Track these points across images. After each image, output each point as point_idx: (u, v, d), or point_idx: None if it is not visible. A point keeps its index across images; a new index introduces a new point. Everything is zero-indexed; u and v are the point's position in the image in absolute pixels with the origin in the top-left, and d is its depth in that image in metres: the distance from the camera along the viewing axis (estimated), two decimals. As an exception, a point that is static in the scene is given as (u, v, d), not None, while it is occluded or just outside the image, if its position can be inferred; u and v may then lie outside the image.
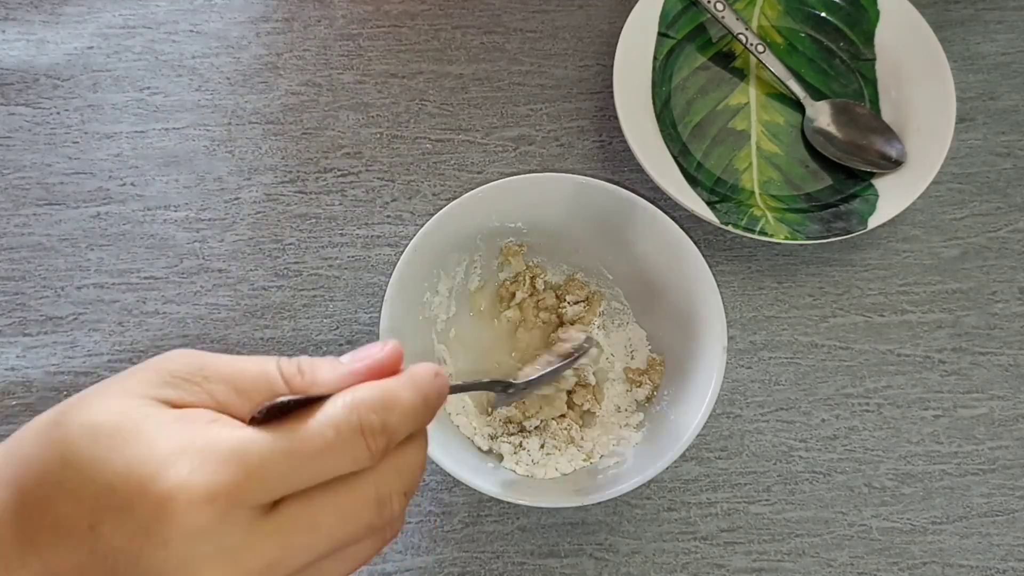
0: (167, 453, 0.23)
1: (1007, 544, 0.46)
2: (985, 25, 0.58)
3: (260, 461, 0.23)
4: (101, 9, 0.56)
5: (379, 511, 0.25)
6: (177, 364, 0.25)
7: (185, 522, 0.22)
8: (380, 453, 0.25)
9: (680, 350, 0.44)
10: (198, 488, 0.22)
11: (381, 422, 0.25)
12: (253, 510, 0.23)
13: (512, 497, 0.40)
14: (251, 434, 0.24)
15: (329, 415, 0.24)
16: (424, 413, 0.26)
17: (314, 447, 0.24)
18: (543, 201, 0.45)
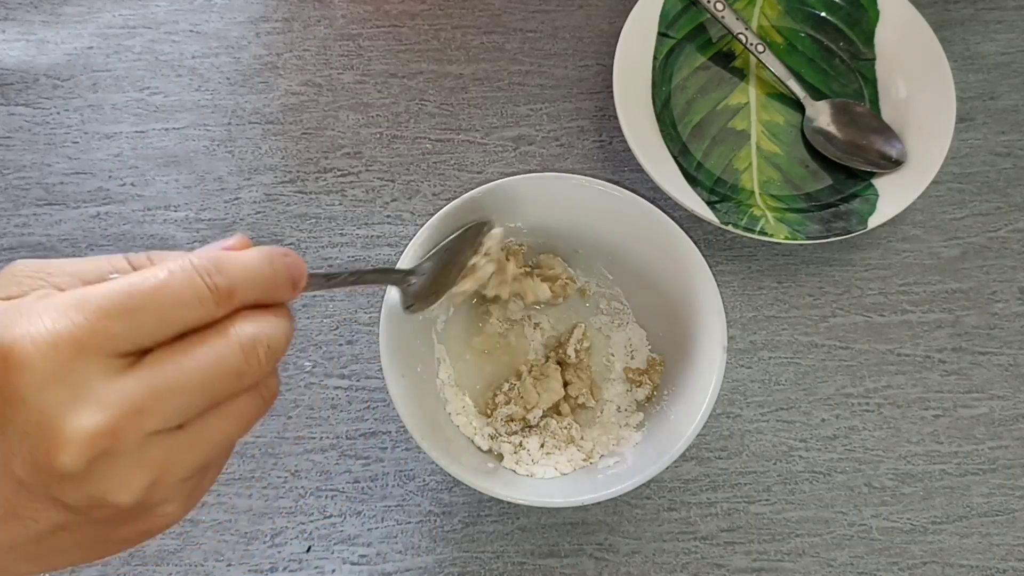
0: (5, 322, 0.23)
1: (1007, 544, 0.46)
2: (985, 25, 0.58)
3: (98, 305, 0.23)
4: (101, 9, 0.56)
5: (243, 355, 0.25)
6: (20, 267, 0.25)
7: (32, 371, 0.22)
8: (223, 296, 0.25)
9: (680, 350, 0.44)
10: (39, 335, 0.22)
11: (215, 266, 0.25)
12: (109, 359, 0.23)
13: (512, 497, 0.40)
14: (86, 289, 0.23)
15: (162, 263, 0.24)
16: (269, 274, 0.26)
17: (149, 285, 0.23)
18: (543, 201, 0.45)
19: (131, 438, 0.23)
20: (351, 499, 0.46)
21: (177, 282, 0.24)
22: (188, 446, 0.25)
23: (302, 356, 0.49)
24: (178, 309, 0.24)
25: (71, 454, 0.22)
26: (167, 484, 0.24)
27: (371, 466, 0.47)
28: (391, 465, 0.47)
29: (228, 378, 0.25)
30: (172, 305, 0.24)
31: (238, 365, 0.25)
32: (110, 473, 0.23)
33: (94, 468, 0.23)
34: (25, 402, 0.22)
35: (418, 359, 0.44)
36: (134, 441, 0.23)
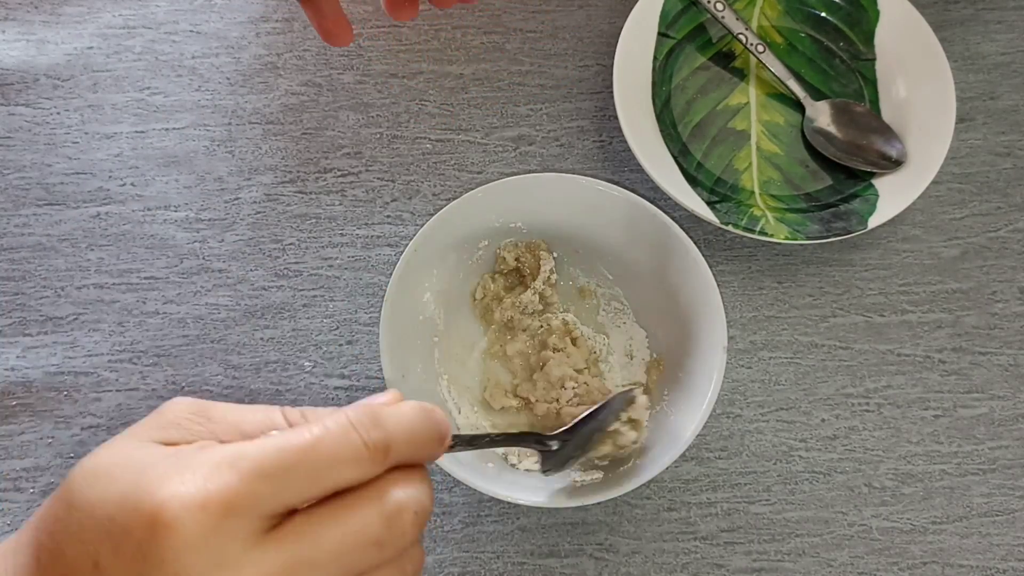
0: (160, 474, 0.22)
1: (1007, 544, 0.46)
2: (985, 25, 0.58)
3: (252, 464, 0.22)
4: (101, 9, 0.56)
5: (387, 525, 0.24)
6: (179, 409, 0.25)
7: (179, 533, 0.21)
8: (379, 453, 0.24)
9: (680, 350, 0.44)
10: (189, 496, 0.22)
11: (373, 421, 0.24)
12: (253, 522, 0.22)
13: (512, 497, 0.40)
14: (242, 445, 0.23)
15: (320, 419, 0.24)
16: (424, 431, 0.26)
17: (305, 442, 0.23)
18: (543, 201, 0.45)
19: None
20: (351, 499, 0.46)
21: (333, 440, 0.23)
22: None
23: (302, 356, 0.49)
24: (333, 468, 0.23)
25: None
26: None
27: (371, 466, 0.47)
28: (391, 465, 0.47)
29: (369, 550, 0.24)
30: (327, 464, 0.23)
31: (379, 534, 0.24)
32: None
33: None
34: (164, 565, 0.21)
35: (418, 359, 0.44)
36: None
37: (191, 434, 0.24)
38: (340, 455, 0.23)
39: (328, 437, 0.23)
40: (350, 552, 0.23)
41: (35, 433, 0.47)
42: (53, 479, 0.46)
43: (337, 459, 0.23)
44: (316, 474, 0.23)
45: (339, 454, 0.23)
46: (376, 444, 0.24)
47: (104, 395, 0.48)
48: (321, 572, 0.23)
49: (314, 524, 0.23)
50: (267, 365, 0.49)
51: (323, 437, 0.23)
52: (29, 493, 0.46)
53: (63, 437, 0.47)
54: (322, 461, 0.23)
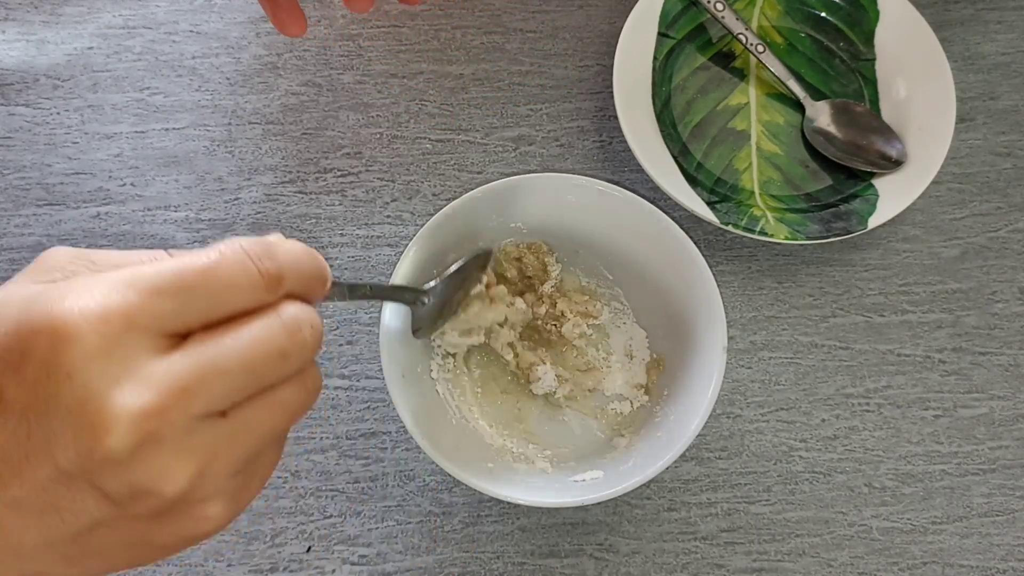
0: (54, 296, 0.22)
1: (1007, 544, 0.46)
2: (985, 25, 0.58)
3: (150, 282, 0.22)
4: (101, 9, 0.56)
5: (288, 334, 0.24)
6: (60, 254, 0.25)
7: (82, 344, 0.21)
8: (272, 281, 0.24)
9: (680, 350, 0.44)
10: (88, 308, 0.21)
11: (266, 251, 0.25)
12: (155, 338, 0.22)
13: (512, 497, 0.40)
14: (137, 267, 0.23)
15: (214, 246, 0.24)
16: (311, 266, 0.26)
17: (201, 265, 0.23)
18: (543, 201, 0.45)
19: (178, 421, 0.22)
20: (351, 499, 0.46)
21: (229, 264, 0.24)
22: (234, 434, 0.24)
23: (302, 356, 0.49)
24: (229, 291, 0.24)
25: (118, 435, 0.21)
26: (213, 476, 0.23)
27: (371, 466, 0.47)
28: (391, 465, 0.47)
29: (273, 359, 0.24)
30: (224, 287, 0.23)
31: (283, 345, 0.24)
32: (156, 458, 0.22)
33: (140, 452, 0.22)
34: (71, 377, 0.21)
35: (418, 359, 0.44)
36: (181, 425, 0.22)
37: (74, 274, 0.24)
38: (236, 279, 0.24)
39: (224, 262, 0.24)
40: (256, 360, 0.24)
41: (35, 433, 0.47)
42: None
43: (234, 283, 0.24)
44: (214, 295, 0.23)
45: (235, 278, 0.24)
46: (270, 272, 0.24)
47: (104, 395, 0.48)
48: (230, 379, 0.23)
49: (217, 336, 0.23)
50: (267, 365, 0.49)
51: (220, 261, 0.23)
52: (29, 493, 0.46)
53: (63, 437, 0.47)
54: (220, 283, 0.23)
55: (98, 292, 0.22)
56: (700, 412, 0.41)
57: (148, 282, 0.22)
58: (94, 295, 0.22)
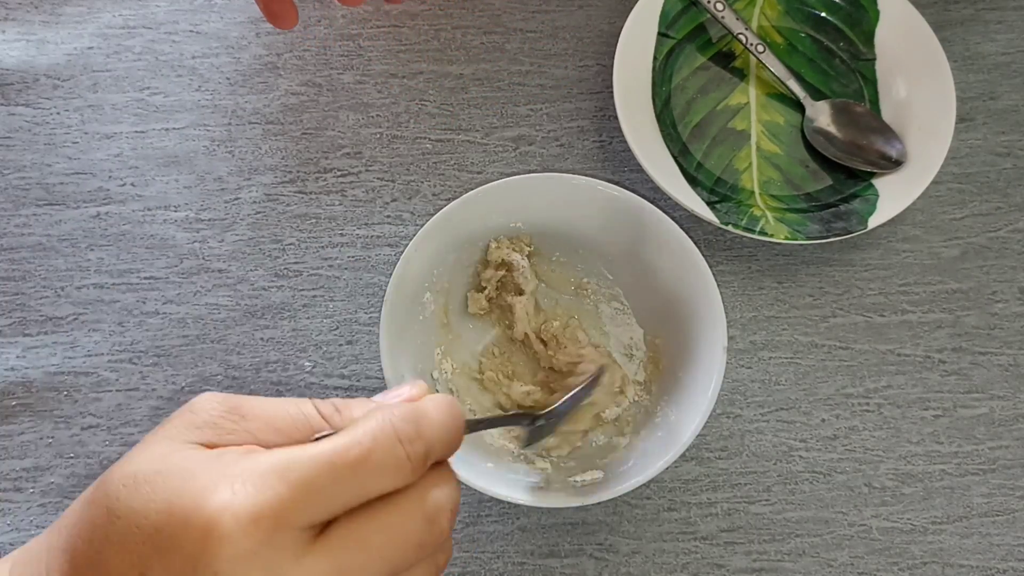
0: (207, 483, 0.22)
1: (1007, 544, 0.46)
2: (985, 25, 0.58)
3: (302, 476, 0.22)
4: (101, 9, 0.56)
5: (428, 527, 0.24)
6: (211, 406, 0.25)
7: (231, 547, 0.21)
8: (419, 463, 0.24)
9: (680, 350, 0.44)
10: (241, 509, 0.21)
11: (416, 430, 0.24)
12: (301, 532, 0.22)
13: (512, 497, 0.40)
14: (290, 453, 0.23)
15: (365, 425, 0.24)
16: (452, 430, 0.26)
17: (353, 456, 0.23)
18: (543, 201, 0.45)
19: None
20: (351, 499, 0.46)
21: (381, 452, 0.24)
22: None
23: (302, 356, 0.49)
24: (378, 480, 0.24)
25: None
26: None
27: (371, 466, 0.47)
28: (391, 465, 0.47)
29: (410, 551, 0.24)
30: (373, 479, 0.23)
31: (421, 537, 0.24)
32: None
33: None
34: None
35: (419, 359, 0.44)
36: None
37: (227, 433, 0.24)
38: (386, 467, 0.24)
39: (376, 449, 0.24)
40: (394, 554, 0.24)
41: (35, 433, 0.47)
42: (53, 479, 0.46)
43: (383, 471, 0.24)
44: (363, 484, 0.23)
45: (386, 466, 0.24)
46: (419, 456, 0.24)
47: (104, 395, 0.48)
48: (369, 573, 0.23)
49: (360, 530, 0.23)
50: (267, 365, 0.49)
51: (372, 449, 0.23)
52: (29, 493, 0.46)
53: (63, 437, 0.47)
54: (370, 472, 0.23)
55: (251, 486, 0.22)
56: (700, 411, 0.41)
57: (299, 476, 0.22)
58: (247, 491, 0.22)
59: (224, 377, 0.48)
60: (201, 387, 0.48)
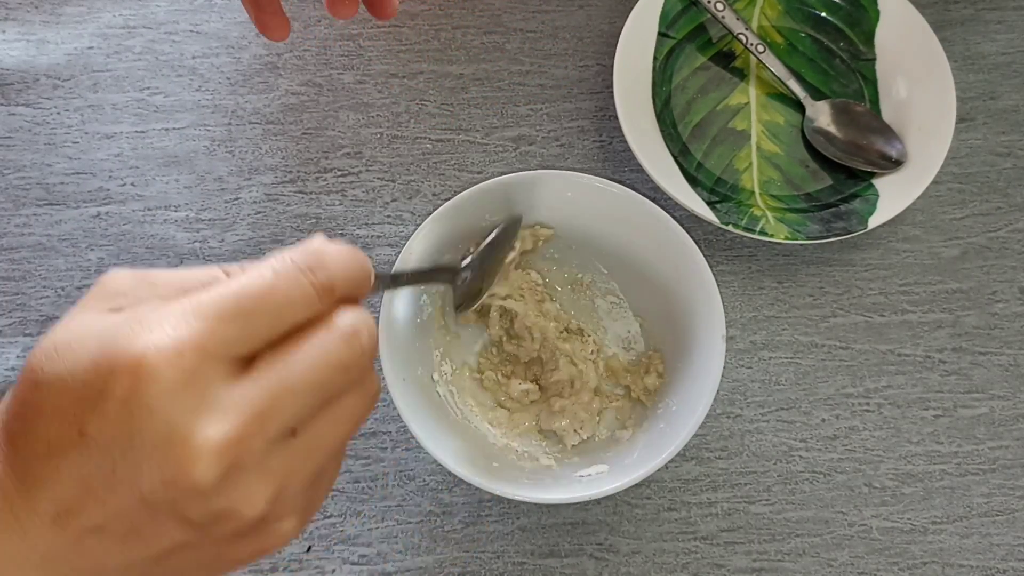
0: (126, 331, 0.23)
1: (1007, 544, 0.46)
2: (985, 25, 0.58)
3: (215, 310, 0.23)
4: (101, 9, 0.56)
5: (347, 346, 0.25)
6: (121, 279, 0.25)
7: (160, 380, 0.22)
8: (324, 292, 0.25)
9: (679, 343, 0.44)
10: (163, 344, 0.22)
11: (316, 261, 0.25)
12: (227, 364, 0.23)
13: (513, 494, 0.39)
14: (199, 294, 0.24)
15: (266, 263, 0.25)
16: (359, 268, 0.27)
17: (258, 287, 0.24)
18: (540, 198, 0.45)
19: (257, 446, 0.23)
20: (351, 499, 0.46)
21: (284, 282, 0.24)
22: (305, 452, 0.25)
23: (302, 356, 0.49)
24: (287, 308, 0.24)
25: (203, 466, 0.22)
26: (288, 495, 0.24)
27: (371, 466, 0.47)
28: (391, 465, 0.47)
29: (337, 372, 0.25)
30: (282, 305, 0.24)
31: (343, 356, 0.25)
32: (238, 485, 0.23)
33: (223, 481, 0.22)
34: (153, 413, 0.22)
35: (418, 360, 0.44)
36: (259, 449, 0.23)
37: (139, 300, 0.25)
38: (292, 296, 0.24)
39: (279, 280, 0.24)
40: (321, 376, 0.24)
41: (35, 433, 0.47)
42: (53, 479, 0.46)
43: (290, 300, 0.24)
44: (274, 315, 0.24)
45: (292, 296, 0.24)
46: (322, 284, 0.25)
47: (104, 395, 0.48)
48: (300, 399, 0.24)
49: (282, 356, 0.24)
50: (267, 365, 0.49)
51: (275, 282, 0.24)
52: (29, 493, 0.46)
53: (63, 437, 0.47)
54: (277, 302, 0.24)
55: (168, 326, 0.23)
56: (703, 400, 0.40)
57: (212, 310, 0.23)
58: (165, 329, 0.22)
59: (224, 377, 0.48)
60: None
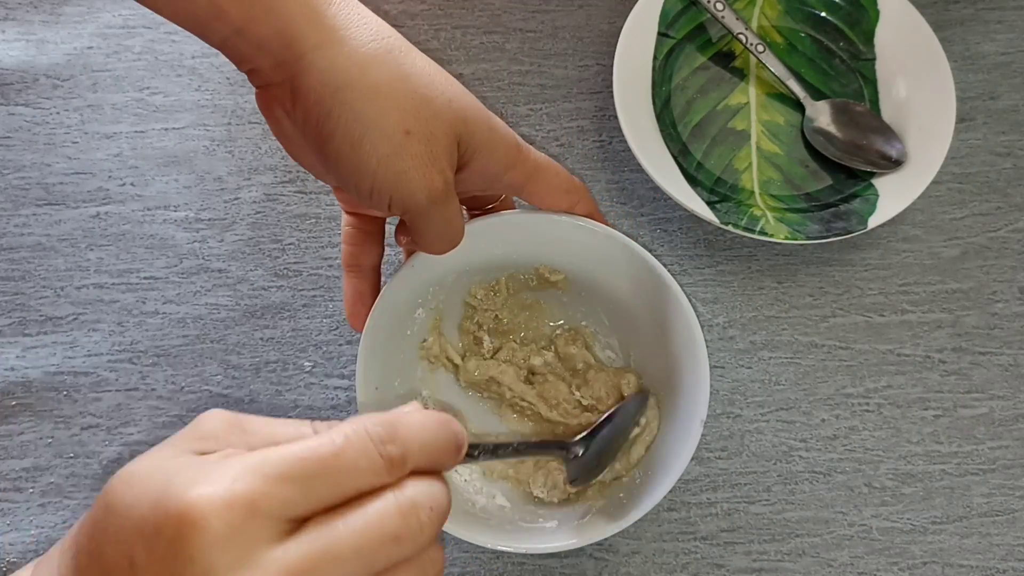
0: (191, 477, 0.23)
1: (1007, 544, 0.46)
2: (985, 25, 0.58)
3: (276, 469, 0.24)
4: (101, 9, 0.56)
5: (403, 519, 0.25)
6: (215, 421, 0.26)
7: (206, 532, 0.22)
8: (395, 465, 0.25)
9: (665, 406, 0.42)
10: (215, 496, 0.23)
11: (389, 433, 0.25)
12: (276, 523, 0.23)
13: (454, 531, 0.38)
14: (267, 451, 0.24)
15: (339, 428, 0.25)
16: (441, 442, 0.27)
17: (325, 452, 0.24)
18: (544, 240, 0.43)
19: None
20: (351, 499, 0.46)
21: (352, 450, 0.24)
22: None
23: (302, 356, 0.49)
24: (351, 477, 0.24)
25: None
26: None
27: (371, 466, 0.47)
28: (391, 465, 0.47)
29: (386, 544, 0.24)
30: (345, 473, 0.24)
31: (396, 530, 0.25)
32: None
33: None
34: (193, 562, 0.22)
35: (397, 373, 0.43)
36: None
37: (226, 444, 0.26)
38: (359, 464, 0.25)
39: (348, 447, 0.24)
40: (369, 546, 0.24)
41: (35, 433, 0.47)
42: (53, 479, 0.46)
43: (356, 468, 0.24)
44: (336, 481, 0.24)
45: (358, 463, 0.24)
46: (392, 457, 0.25)
47: (104, 395, 0.48)
48: (343, 567, 0.24)
49: (333, 522, 0.24)
50: (267, 365, 0.49)
51: (343, 448, 0.24)
52: (28, 493, 0.46)
53: (63, 437, 0.47)
54: (342, 469, 0.24)
55: (227, 478, 0.23)
56: (667, 481, 0.39)
57: (274, 469, 0.23)
58: (223, 482, 0.23)
59: (224, 377, 0.48)
60: (201, 387, 0.48)
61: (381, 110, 0.32)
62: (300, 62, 0.33)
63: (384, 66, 0.33)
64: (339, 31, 0.33)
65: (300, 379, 0.48)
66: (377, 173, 0.33)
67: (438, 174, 0.34)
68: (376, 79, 0.33)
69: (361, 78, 0.32)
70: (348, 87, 0.32)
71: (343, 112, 0.32)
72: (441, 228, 0.36)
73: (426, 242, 0.37)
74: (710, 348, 0.44)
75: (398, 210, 0.35)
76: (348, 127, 0.33)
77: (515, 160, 0.37)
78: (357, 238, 0.41)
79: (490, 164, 0.36)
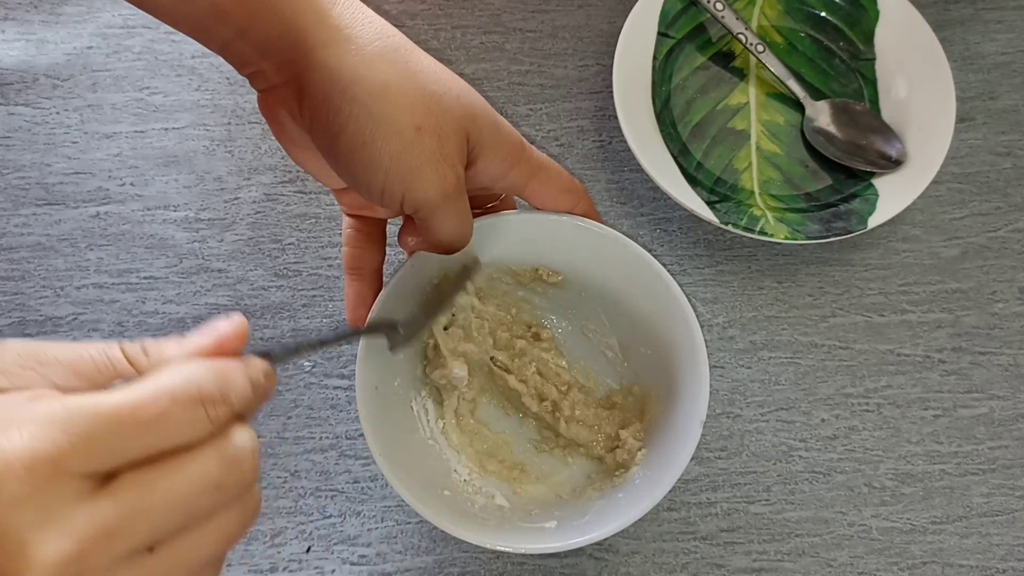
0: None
1: (1007, 544, 0.46)
2: (985, 25, 0.58)
3: (85, 428, 0.22)
4: (101, 9, 0.56)
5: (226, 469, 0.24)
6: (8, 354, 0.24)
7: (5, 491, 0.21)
8: (221, 425, 0.24)
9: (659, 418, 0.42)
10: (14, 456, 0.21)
11: (221, 394, 0.24)
12: (83, 479, 0.22)
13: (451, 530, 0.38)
14: (78, 401, 0.22)
15: (166, 383, 0.23)
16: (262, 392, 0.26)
17: (148, 415, 0.23)
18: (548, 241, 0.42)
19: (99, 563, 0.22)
20: (351, 499, 0.46)
21: (179, 410, 0.23)
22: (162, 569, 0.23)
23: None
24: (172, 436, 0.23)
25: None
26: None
27: (371, 466, 0.47)
28: (391, 465, 0.47)
29: (207, 492, 0.23)
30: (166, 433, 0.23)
31: (218, 478, 0.23)
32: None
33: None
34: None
35: (396, 372, 0.43)
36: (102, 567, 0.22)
37: (22, 381, 0.24)
38: (182, 426, 0.23)
39: (174, 408, 0.23)
40: (188, 497, 0.23)
41: (35, 433, 0.47)
42: (53, 479, 0.46)
43: (179, 429, 0.23)
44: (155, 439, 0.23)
45: (181, 425, 0.23)
46: (221, 419, 0.24)
47: (104, 395, 0.48)
48: (158, 519, 0.23)
49: (149, 474, 0.23)
50: (267, 365, 0.49)
51: (168, 409, 0.23)
52: (29, 493, 0.46)
53: (63, 437, 0.47)
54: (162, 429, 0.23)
55: (27, 434, 0.21)
56: (667, 480, 0.38)
57: (84, 427, 0.22)
58: (23, 437, 0.21)
59: (224, 377, 0.48)
60: (201, 387, 0.48)
61: (392, 106, 0.32)
62: (306, 60, 0.32)
63: (391, 64, 0.33)
64: (344, 30, 0.32)
65: (300, 379, 0.48)
66: (389, 170, 0.32)
67: (450, 170, 0.33)
68: (385, 76, 0.32)
69: (370, 75, 0.32)
70: (357, 84, 0.32)
71: (353, 109, 0.32)
72: (454, 225, 0.36)
73: (438, 240, 0.36)
74: (710, 348, 0.44)
75: (410, 208, 0.34)
76: (359, 124, 0.32)
77: (519, 158, 0.37)
78: (358, 240, 0.41)
79: (496, 161, 0.36)
